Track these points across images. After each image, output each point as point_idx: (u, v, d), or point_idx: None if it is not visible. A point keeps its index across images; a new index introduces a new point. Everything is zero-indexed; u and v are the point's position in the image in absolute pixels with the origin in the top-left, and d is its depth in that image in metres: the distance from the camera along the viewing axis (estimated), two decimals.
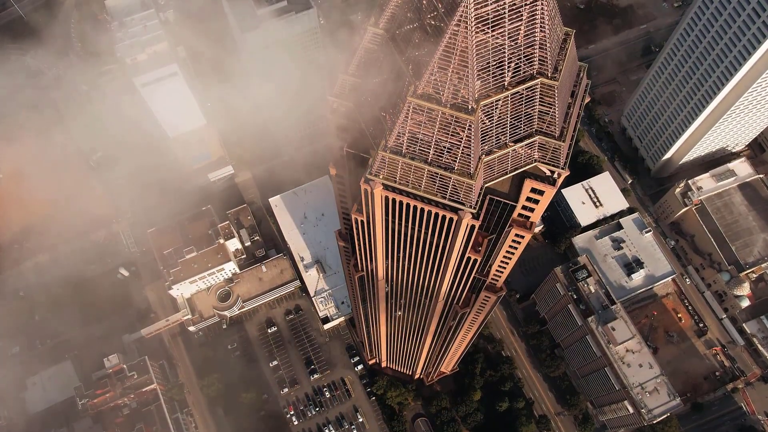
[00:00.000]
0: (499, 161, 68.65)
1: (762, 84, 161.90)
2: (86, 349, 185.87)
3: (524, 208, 76.59)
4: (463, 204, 69.26)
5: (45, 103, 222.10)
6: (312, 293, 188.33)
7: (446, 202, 69.55)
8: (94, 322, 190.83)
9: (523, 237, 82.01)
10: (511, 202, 72.95)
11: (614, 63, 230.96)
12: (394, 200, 73.15)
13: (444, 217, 72.43)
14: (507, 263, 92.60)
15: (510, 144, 67.62)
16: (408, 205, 72.85)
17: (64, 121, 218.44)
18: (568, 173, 71.25)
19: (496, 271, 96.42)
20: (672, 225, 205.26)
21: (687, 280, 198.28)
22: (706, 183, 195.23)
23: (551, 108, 64.77)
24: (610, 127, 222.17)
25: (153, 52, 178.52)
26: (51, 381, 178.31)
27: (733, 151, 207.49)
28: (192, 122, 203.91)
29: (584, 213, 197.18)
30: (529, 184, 72.10)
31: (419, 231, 78.70)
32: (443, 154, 65.55)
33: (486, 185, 71.20)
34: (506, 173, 70.58)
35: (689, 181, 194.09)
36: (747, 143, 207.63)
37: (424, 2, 61.73)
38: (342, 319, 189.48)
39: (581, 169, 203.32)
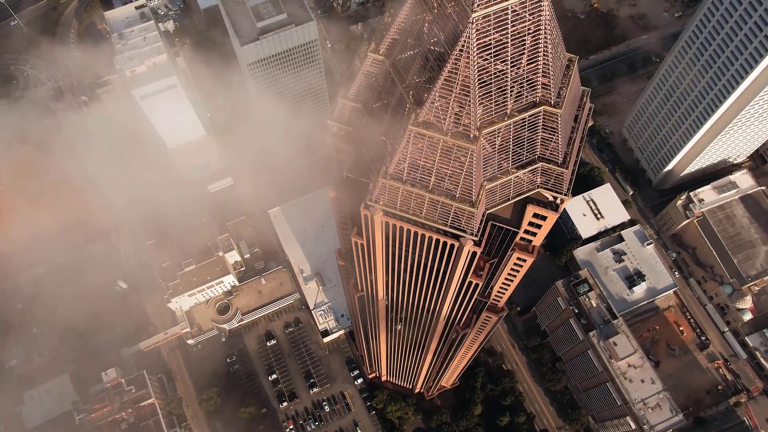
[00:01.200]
0: (501, 187, 67.65)
1: (765, 96, 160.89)
2: (84, 363, 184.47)
3: (526, 232, 75.67)
4: (464, 231, 68.23)
5: (44, 114, 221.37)
6: (311, 306, 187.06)
7: (447, 229, 68.53)
8: (92, 335, 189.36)
9: (525, 261, 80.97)
10: (513, 229, 71.94)
11: (615, 73, 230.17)
12: (394, 225, 72.16)
13: (445, 243, 71.43)
14: (509, 285, 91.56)
15: (512, 170, 66.69)
16: (409, 230, 71.86)
17: (63, 132, 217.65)
18: (571, 199, 70.35)
19: (498, 292, 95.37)
20: (673, 237, 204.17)
21: (677, 273, 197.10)
22: (707, 195, 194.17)
23: (554, 135, 63.85)
24: (611, 137, 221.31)
25: (152, 64, 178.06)
26: (48, 395, 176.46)
27: (735, 162, 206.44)
28: (191, 133, 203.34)
29: (585, 225, 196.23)
30: (531, 210, 71.16)
31: (420, 255, 77.67)
32: (444, 181, 64.55)
33: (488, 211, 70.18)
34: (508, 199, 69.57)
35: (691, 193, 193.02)
36: (748, 154, 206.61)
37: (425, 28, 60.82)
38: (342, 332, 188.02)
39: (582, 181, 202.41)
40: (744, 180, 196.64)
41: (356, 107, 69.82)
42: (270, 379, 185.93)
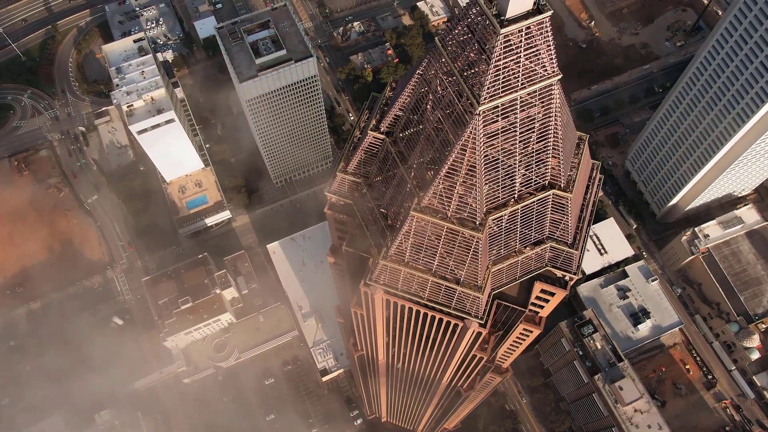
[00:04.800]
0: (508, 268, 64.60)
1: None
2: (78, 402, 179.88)
3: (533, 305, 72.60)
4: (469, 314, 65.06)
5: (41, 144, 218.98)
6: (310, 344, 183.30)
7: (451, 311, 65.37)
8: (87, 373, 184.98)
9: (531, 331, 77.80)
10: (520, 308, 68.80)
11: (617, 103, 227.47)
12: (395, 303, 69.02)
13: (449, 322, 68.25)
14: (514, 351, 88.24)
15: (520, 250, 63.66)
16: (411, 308, 68.70)
17: (60, 164, 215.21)
18: (581, 277, 67.25)
19: (503, 356, 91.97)
20: (678, 272, 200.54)
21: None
22: (713, 230, 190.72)
23: (564, 216, 60.88)
24: (614, 170, 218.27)
25: (150, 98, 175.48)
26: None
27: (740, 195, 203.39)
28: (189, 166, 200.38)
29: (589, 260, 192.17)
30: (539, 286, 68.25)
31: (422, 330, 74.42)
32: (448, 264, 61.50)
33: (494, 291, 67.06)
34: (515, 279, 66.49)
35: (696, 229, 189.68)
36: (754, 187, 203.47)
37: (428, 108, 57.98)
38: (341, 370, 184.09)
39: None
40: (749, 215, 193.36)
41: (356, 182, 66.87)
42: (267, 419, 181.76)
